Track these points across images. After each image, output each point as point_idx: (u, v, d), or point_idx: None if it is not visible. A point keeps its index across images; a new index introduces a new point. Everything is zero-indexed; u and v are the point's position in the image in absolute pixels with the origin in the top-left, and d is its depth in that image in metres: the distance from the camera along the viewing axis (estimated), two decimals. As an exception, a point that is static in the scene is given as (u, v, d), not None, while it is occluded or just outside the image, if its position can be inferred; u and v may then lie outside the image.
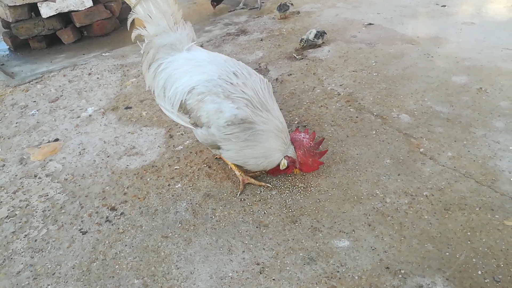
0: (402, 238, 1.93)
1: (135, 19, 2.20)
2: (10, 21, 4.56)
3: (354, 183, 2.28)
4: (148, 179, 2.46)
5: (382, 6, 5.01)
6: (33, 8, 4.63)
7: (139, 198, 2.33)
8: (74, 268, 1.94)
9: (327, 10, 5.09)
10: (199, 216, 2.16)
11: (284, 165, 2.15)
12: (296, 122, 2.83)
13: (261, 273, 1.84)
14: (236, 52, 4.07)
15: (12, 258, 2.01)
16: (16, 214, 2.27)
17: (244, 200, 2.24)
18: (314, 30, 3.88)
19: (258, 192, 2.29)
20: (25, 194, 2.41)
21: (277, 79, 3.44)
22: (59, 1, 4.60)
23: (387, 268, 1.81)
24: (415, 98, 2.98)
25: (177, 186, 2.38)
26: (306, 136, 2.23)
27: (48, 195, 2.39)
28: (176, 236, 2.06)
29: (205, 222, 2.12)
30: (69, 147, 2.82)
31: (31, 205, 2.33)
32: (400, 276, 1.77)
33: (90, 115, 3.20)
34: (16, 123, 3.16)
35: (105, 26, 5.05)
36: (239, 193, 2.27)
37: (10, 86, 3.75)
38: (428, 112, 2.81)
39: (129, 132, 2.95)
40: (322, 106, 3.01)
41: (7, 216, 2.26)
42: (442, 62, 3.45)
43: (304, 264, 1.86)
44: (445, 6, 4.82)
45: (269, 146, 2.07)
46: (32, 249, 2.05)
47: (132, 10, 2.15)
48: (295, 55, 3.80)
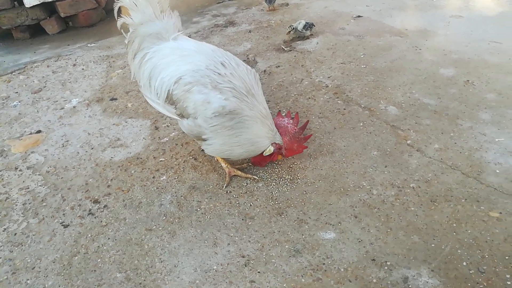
0: (389, 230, 1.93)
1: (122, 8, 2.14)
2: (-8, 10, 4.44)
3: (341, 175, 2.26)
4: (132, 171, 2.42)
5: (371, -1, 4.99)
6: (15, -3, 4.52)
7: (123, 191, 2.28)
8: (54, 262, 1.89)
9: (316, 2, 5.05)
10: (184, 208, 2.13)
11: (269, 151, 2.12)
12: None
13: (246, 265, 1.81)
14: (224, 43, 4.02)
15: (-10, 252, 1.96)
16: (-5, 207, 2.21)
17: (230, 192, 2.21)
18: (303, 21, 3.84)
19: (245, 184, 2.26)
20: (5, 187, 2.35)
21: (265, 71, 3.40)
22: (43, -10, 4.49)
23: (373, 260, 1.80)
24: (403, 90, 2.97)
25: (162, 179, 2.34)
26: (290, 121, 2.22)
27: (29, 188, 2.33)
28: (160, 229, 2.03)
29: (190, 214, 2.09)
30: (52, 139, 2.75)
31: (11, 198, 2.27)
32: (385, 268, 1.76)
33: (74, 107, 3.14)
34: (-3, 115, 3.08)
35: (90, 17, 4.94)
36: (225, 185, 2.24)
37: (-8, 77, 3.66)
38: (415, 104, 2.81)
39: (114, 123, 2.89)
40: (310, 98, 2.98)
41: (-14, 209, 2.21)
42: (430, 55, 3.44)
43: (289, 256, 1.84)
44: (433, -1, 4.82)
45: (255, 132, 2.04)
46: (11, 243, 2.00)
47: (117, -3, 2.10)
48: (284, 47, 3.77)
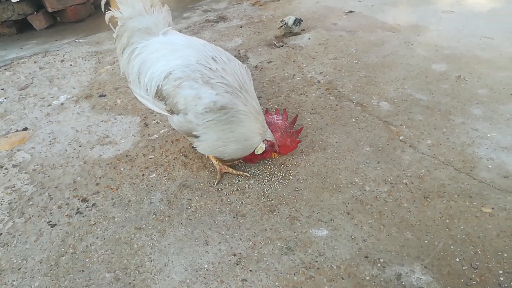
0: (381, 227, 1.91)
1: (110, 1, 2.09)
2: (-23, 5, 4.34)
3: (333, 171, 2.24)
4: (121, 169, 2.37)
5: (363, -6, 4.96)
6: (1, -9, 4.41)
7: (112, 189, 2.24)
8: (41, 262, 1.84)
9: (308, -2, 5.01)
10: (174, 206, 2.09)
11: (261, 148, 2.09)
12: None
13: (237, 264, 1.78)
14: (215, 39, 3.97)
15: (-25, 253, 1.91)
16: (-20, 207, 2.16)
17: (221, 190, 2.18)
18: (293, 17, 3.80)
19: (236, 181, 2.23)
20: (-10, 186, 2.29)
21: (256, 67, 3.36)
22: (29, -16, 4.39)
23: (366, 257, 1.78)
24: (395, 86, 2.95)
25: (151, 176, 2.30)
26: (280, 117, 2.19)
27: (14, 187, 2.28)
28: (150, 227, 1.99)
29: (180, 212, 2.05)
30: (38, 137, 2.70)
31: (-3, 197, 2.22)
32: (379, 265, 1.74)
33: (62, 103, 3.07)
34: (-18, 112, 3.01)
35: (79, 12, 4.85)
36: (216, 182, 2.21)
37: (-23, 73, 3.57)
38: (408, 99, 2.79)
39: (102, 120, 2.84)
40: (301, 94, 2.95)
41: (-29, 209, 2.15)
42: (422, 50, 3.43)
43: (281, 254, 1.81)
44: (425, -6, 4.80)
45: (250, 127, 2.00)
46: (-4, 243, 1.95)
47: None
48: (275, 43, 3.73)
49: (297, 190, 2.14)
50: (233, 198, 2.12)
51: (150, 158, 2.43)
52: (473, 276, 1.67)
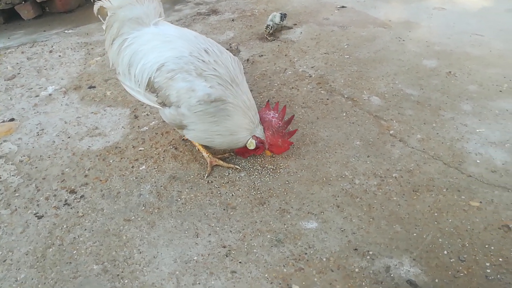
0: (371, 220, 1.92)
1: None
2: (-37, -7, 4.24)
3: (323, 165, 2.24)
4: (111, 161, 2.35)
5: (355, -10, 4.95)
6: (-12, -20, 4.32)
7: (101, 181, 2.21)
8: (27, 254, 1.82)
9: (300, -8, 4.99)
10: (164, 198, 2.08)
11: (251, 144, 2.08)
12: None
13: (227, 256, 1.78)
14: (206, 32, 3.94)
15: (-41, 244, 1.87)
16: (-35, 198, 2.12)
17: (211, 182, 2.17)
18: (278, 13, 3.75)
19: (227, 174, 2.22)
20: (-24, 177, 2.25)
21: (248, 60, 3.35)
22: (17, -27, 4.31)
23: (356, 249, 1.78)
24: (386, 81, 2.96)
25: (141, 168, 2.28)
26: (276, 114, 2.15)
27: (0, 178, 2.24)
28: (139, 219, 1.97)
29: (170, 205, 2.04)
30: (26, 128, 2.65)
31: (-18, 188, 2.18)
32: (368, 257, 1.75)
33: (50, 94, 3.03)
34: (-32, 102, 2.95)
35: (68, 2, 4.77)
36: (207, 175, 2.19)
37: (-37, 63, 3.50)
38: (398, 94, 2.80)
39: (92, 112, 2.80)
40: (293, 88, 2.94)
41: (-44, 199, 2.11)
42: (413, 46, 3.44)
43: (271, 246, 1.81)
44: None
45: (236, 122, 1.98)
46: (-18, 234, 1.92)
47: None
48: (267, 36, 3.71)
49: (287, 183, 2.14)
50: (223, 191, 2.11)
51: (140, 150, 2.41)
52: (460, 268, 1.69)
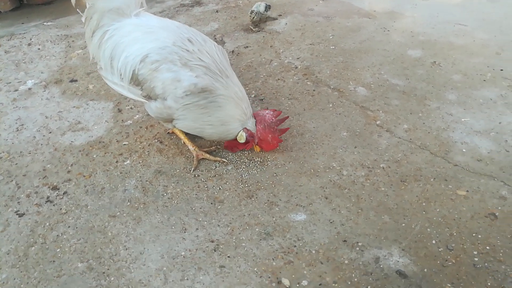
0: (359, 211, 1.91)
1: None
2: None
3: (310, 156, 2.22)
4: (94, 156, 2.29)
5: (340, -20, 4.93)
6: (-39, -30, 4.15)
7: (85, 176, 2.16)
8: (9, 253, 1.76)
9: (285, -17, 4.94)
10: (150, 193, 2.04)
11: (241, 137, 2.04)
12: (253, 96, 2.73)
13: (215, 250, 1.75)
14: (190, 23, 3.87)
15: None
16: None
17: (198, 176, 2.13)
18: (263, 3, 3.71)
19: (213, 167, 2.18)
20: (-48, 175, 2.17)
21: (233, 51, 3.30)
22: (-8, -37, 4.15)
23: (345, 241, 1.78)
24: (372, 71, 2.96)
25: (125, 163, 2.23)
26: (270, 112, 2.10)
27: (-21, 175, 2.17)
28: (124, 215, 1.93)
29: (156, 199, 2.00)
30: (4, 123, 2.57)
31: (-40, 186, 2.10)
32: (357, 248, 1.74)
33: (29, 89, 2.93)
34: None
35: (46, -6, 4.64)
36: (193, 169, 2.16)
37: None
38: (384, 85, 2.80)
39: (74, 106, 2.73)
40: (279, 79, 2.92)
41: None
42: (398, 36, 3.44)
43: (260, 239, 1.79)
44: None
45: (228, 112, 1.95)
46: (-40, 234, 1.85)
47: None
48: (252, 28, 3.66)
49: (275, 175, 2.12)
50: (210, 184, 2.08)
51: (124, 145, 2.36)
52: (448, 257, 1.70)
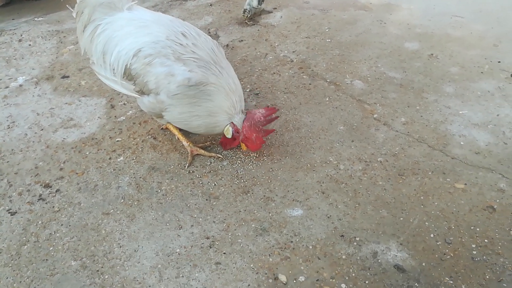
0: (357, 205, 1.89)
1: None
2: None
3: (307, 151, 2.19)
4: (87, 153, 2.25)
5: (335, -27, 4.88)
6: (-50, -35, 4.08)
7: (77, 173, 2.12)
8: (1, 252, 1.73)
9: (280, -24, 4.89)
10: (144, 190, 2.00)
11: (228, 131, 1.99)
12: (248, 90, 2.69)
13: (211, 247, 1.73)
14: (184, 17, 3.82)
15: None
16: None
17: (193, 172, 2.10)
18: None
19: (208, 163, 2.15)
20: None
21: (227, 45, 3.26)
22: (-18, -42, 4.08)
23: (342, 236, 1.75)
24: (369, 64, 2.93)
25: (119, 160, 2.19)
26: (262, 111, 2.00)
27: (-31, 173, 2.13)
28: (118, 212, 1.90)
29: (150, 196, 1.97)
30: (-5, 120, 2.52)
31: (-50, 185, 2.06)
32: (355, 243, 1.72)
33: (20, 85, 2.88)
34: None
35: (38, -11, 4.57)
36: (188, 165, 2.12)
37: None
38: (381, 78, 2.77)
39: (66, 103, 2.68)
40: (274, 73, 2.88)
41: None
42: (394, 29, 3.41)
43: (256, 235, 1.77)
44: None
45: (216, 103, 1.90)
46: (-50, 234, 1.81)
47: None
48: (246, 21, 3.62)
49: (271, 170, 2.09)
50: (205, 180, 2.05)
51: (117, 141, 2.32)
52: (447, 251, 1.68)
